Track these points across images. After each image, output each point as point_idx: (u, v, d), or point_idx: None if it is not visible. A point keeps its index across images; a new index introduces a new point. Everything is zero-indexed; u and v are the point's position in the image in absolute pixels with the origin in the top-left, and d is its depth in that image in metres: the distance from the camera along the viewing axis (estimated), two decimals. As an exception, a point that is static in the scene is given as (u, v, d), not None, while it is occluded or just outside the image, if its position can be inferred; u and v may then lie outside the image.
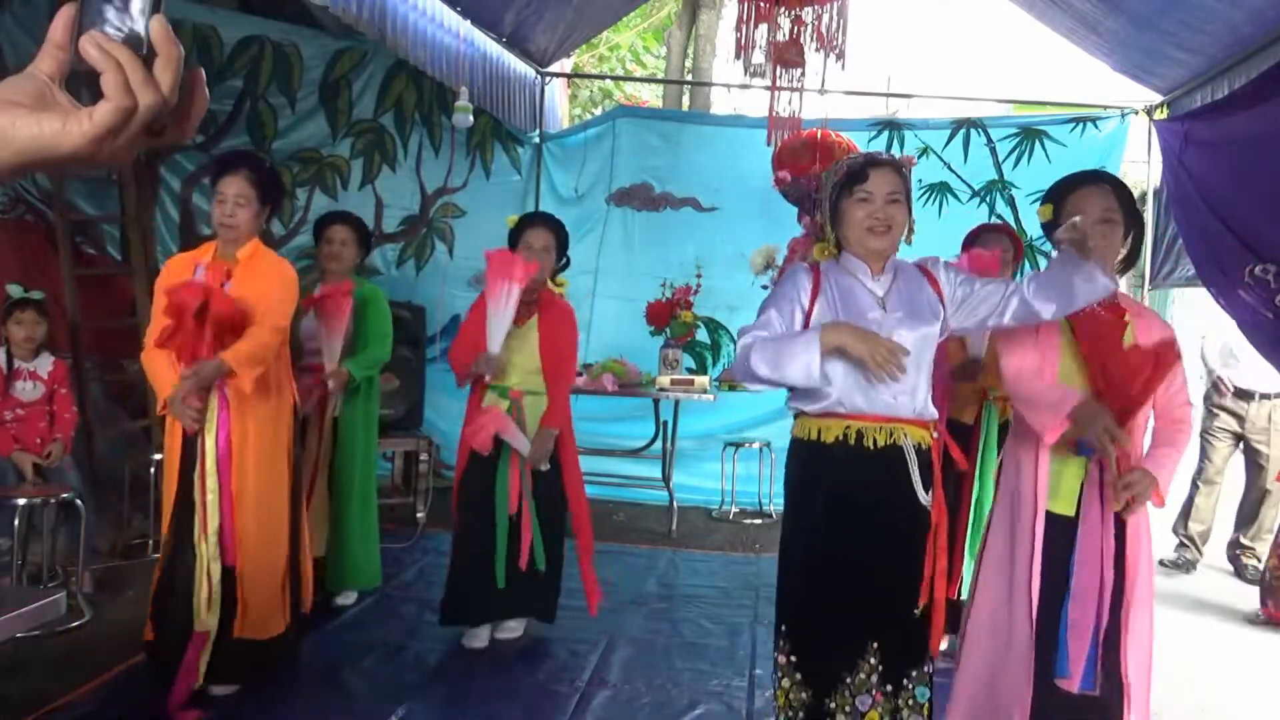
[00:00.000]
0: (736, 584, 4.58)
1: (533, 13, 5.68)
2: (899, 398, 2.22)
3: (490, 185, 6.45)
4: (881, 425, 2.23)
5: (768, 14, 3.89)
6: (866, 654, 2.23)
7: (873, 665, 2.22)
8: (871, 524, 2.24)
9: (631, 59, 13.82)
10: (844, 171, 2.30)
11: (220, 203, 3.06)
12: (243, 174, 3.07)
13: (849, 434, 2.24)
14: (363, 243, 4.02)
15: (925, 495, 2.27)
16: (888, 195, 2.24)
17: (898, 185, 2.26)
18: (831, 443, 2.25)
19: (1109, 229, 2.34)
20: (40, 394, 4.01)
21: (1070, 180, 2.51)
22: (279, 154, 6.05)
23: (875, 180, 2.24)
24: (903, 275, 2.33)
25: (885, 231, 2.25)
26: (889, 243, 2.27)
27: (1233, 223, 4.42)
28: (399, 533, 4.99)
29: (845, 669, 2.23)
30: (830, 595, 2.26)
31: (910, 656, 2.29)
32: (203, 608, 2.93)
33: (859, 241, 2.28)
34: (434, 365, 5.99)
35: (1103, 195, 2.39)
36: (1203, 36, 4.65)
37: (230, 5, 5.94)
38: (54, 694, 2.99)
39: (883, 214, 2.24)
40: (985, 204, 6.28)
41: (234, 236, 3.08)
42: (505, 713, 3.11)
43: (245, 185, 3.06)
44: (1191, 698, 3.57)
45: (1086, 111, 6.27)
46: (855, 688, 2.22)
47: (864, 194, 2.25)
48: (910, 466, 2.24)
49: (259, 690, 3.09)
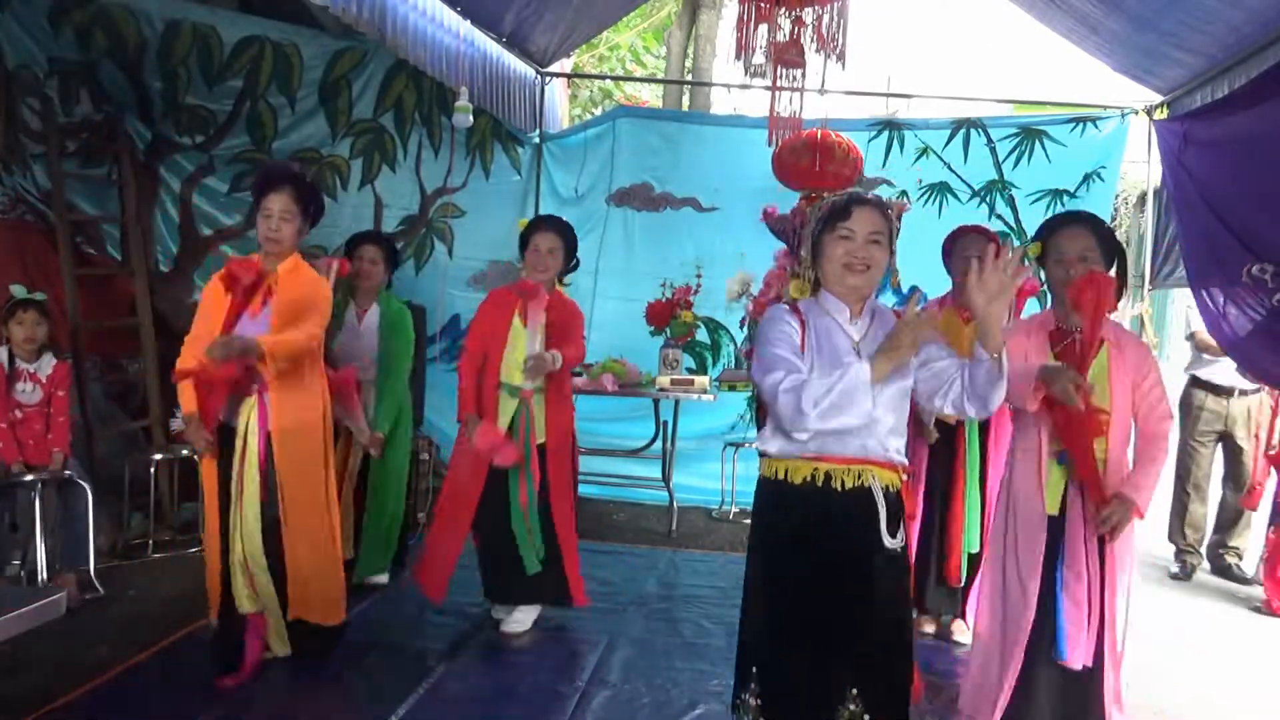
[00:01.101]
0: (736, 584, 4.50)
1: (533, 13, 5.67)
2: (869, 441, 2.19)
3: (490, 185, 6.44)
4: (850, 467, 2.20)
5: (768, 14, 3.89)
6: (846, 701, 2.17)
7: (855, 712, 2.16)
8: (842, 568, 2.20)
9: (631, 59, 13.82)
10: (828, 207, 2.29)
11: (266, 218, 3.17)
12: (287, 190, 3.18)
13: (817, 475, 2.21)
14: (390, 261, 4.30)
15: (891, 539, 2.21)
16: (869, 235, 2.22)
17: (880, 226, 2.23)
18: (799, 484, 2.23)
19: (1084, 269, 2.67)
20: (40, 397, 4.01)
21: (1053, 221, 2.87)
22: (279, 154, 6.05)
23: (858, 218, 2.22)
24: (879, 320, 2.29)
25: (864, 270, 2.22)
26: (866, 282, 2.24)
27: (1232, 222, 4.42)
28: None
29: (826, 714, 2.18)
30: (804, 639, 2.22)
31: (900, 704, 2.25)
32: (243, 597, 3.14)
33: (837, 279, 2.25)
34: (434, 365, 6.00)
35: (1081, 236, 2.72)
36: (1203, 36, 4.65)
37: (230, 5, 5.93)
38: (54, 694, 3.00)
39: (863, 253, 2.21)
40: (985, 204, 6.28)
41: (278, 250, 3.20)
42: (505, 713, 3.12)
43: (289, 201, 3.18)
44: (1192, 688, 3.57)
45: (1086, 111, 6.27)
46: None
47: (846, 231, 2.22)
48: (878, 509, 2.20)
49: (259, 690, 3.09)
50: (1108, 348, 2.73)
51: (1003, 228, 6.24)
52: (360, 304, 4.19)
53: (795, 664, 2.23)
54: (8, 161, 5.12)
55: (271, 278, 3.20)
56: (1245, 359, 4.41)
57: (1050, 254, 2.79)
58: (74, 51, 5.31)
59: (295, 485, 3.19)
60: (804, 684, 2.22)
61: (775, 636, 2.27)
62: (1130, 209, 13.87)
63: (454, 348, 6.43)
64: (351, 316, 4.18)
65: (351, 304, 4.18)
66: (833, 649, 2.19)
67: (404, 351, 4.20)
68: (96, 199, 5.52)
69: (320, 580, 3.27)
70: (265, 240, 3.20)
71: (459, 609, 4.01)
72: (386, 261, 4.24)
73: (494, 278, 6.34)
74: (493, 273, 6.38)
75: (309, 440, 3.25)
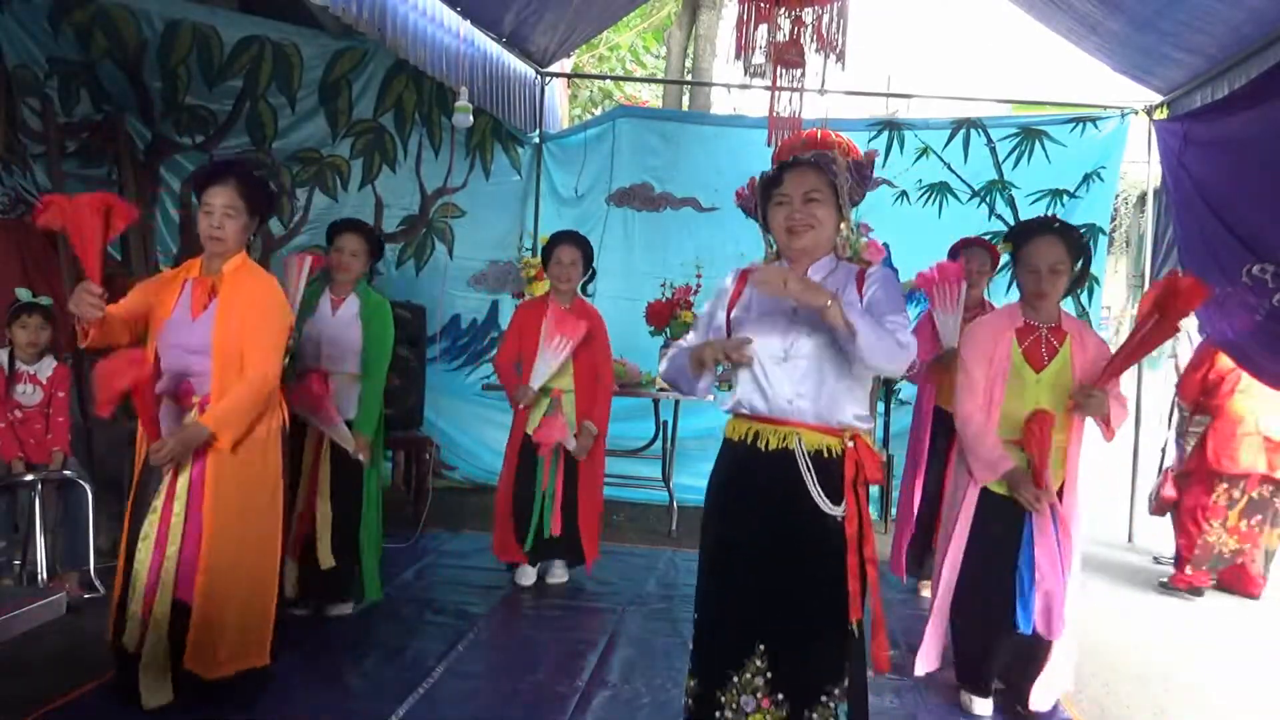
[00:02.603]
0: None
1: (533, 13, 5.68)
2: (796, 401, 2.19)
3: (490, 185, 6.44)
4: (776, 427, 2.21)
5: (768, 14, 3.89)
6: (753, 655, 2.18)
7: (759, 668, 2.17)
8: (766, 526, 2.20)
9: (631, 59, 13.83)
10: (762, 178, 2.33)
11: (207, 214, 2.87)
12: (231, 184, 2.88)
13: (749, 434, 2.25)
14: (373, 252, 3.99)
15: (827, 503, 2.18)
16: (804, 194, 2.23)
17: (817, 183, 2.24)
18: (736, 441, 2.28)
19: (1055, 278, 2.98)
20: (40, 398, 4.01)
21: (1025, 228, 3.15)
22: (279, 154, 6.06)
23: (790, 182, 2.25)
24: (833, 279, 2.27)
25: (805, 230, 2.24)
26: (811, 241, 2.25)
27: (1232, 222, 4.43)
28: (399, 533, 4.99)
29: (731, 666, 2.20)
30: (722, 591, 2.26)
31: (824, 672, 2.20)
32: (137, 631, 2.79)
33: (784, 245, 2.29)
34: (434, 365, 6.00)
35: (1053, 248, 2.97)
36: (1203, 36, 4.65)
37: (230, 5, 5.94)
38: (54, 694, 2.99)
39: (800, 214, 2.23)
40: (985, 204, 6.28)
41: (221, 250, 2.89)
42: (505, 713, 3.11)
43: (234, 196, 2.87)
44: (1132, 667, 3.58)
45: (1086, 111, 6.26)
46: (740, 686, 2.19)
47: (781, 197, 2.27)
48: (803, 472, 2.18)
49: (258, 691, 3.08)
50: (1070, 342, 3.02)
51: (1002, 228, 6.24)
52: (336, 294, 3.89)
53: (714, 613, 2.28)
54: (8, 161, 5.13)
55: (215, 279, 2.89)
56: (1245, 359, 4.41)
57: (1022, 261, 3.05)
58: (74, 51, 5.31)
59: (236, 512, 2.85)
60: (719, 634, 2.25)
61: (704, 587, 2.32)
62: (1130, 209, 13.88)
63: (454, 348, 6.44)
64: (325, 305, 3.87)
65: (326, 292, 3.90)
66: (747, 606, 2.20)
67: (385, 351, 3.94)
68: (96, 199, 5.52)
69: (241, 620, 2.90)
70: (207, 239, 2.88)
71: (459, 609, 4.02)
72: (368, 253, 3.93)
73: (494, 278, 6.35)
74: (493, 273, 6.39)
75: (256, 462, 2.90)
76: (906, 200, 6.31)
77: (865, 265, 2.31)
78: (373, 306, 3.90)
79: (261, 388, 2.84)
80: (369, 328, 3.86)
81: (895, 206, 6.30)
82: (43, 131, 5.18)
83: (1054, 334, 3.05)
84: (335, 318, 3.86)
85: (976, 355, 3.07)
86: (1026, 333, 3.06)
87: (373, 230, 4.06)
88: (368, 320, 3.86)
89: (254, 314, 2.87)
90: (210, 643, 2.82)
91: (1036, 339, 3.04)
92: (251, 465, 2.90)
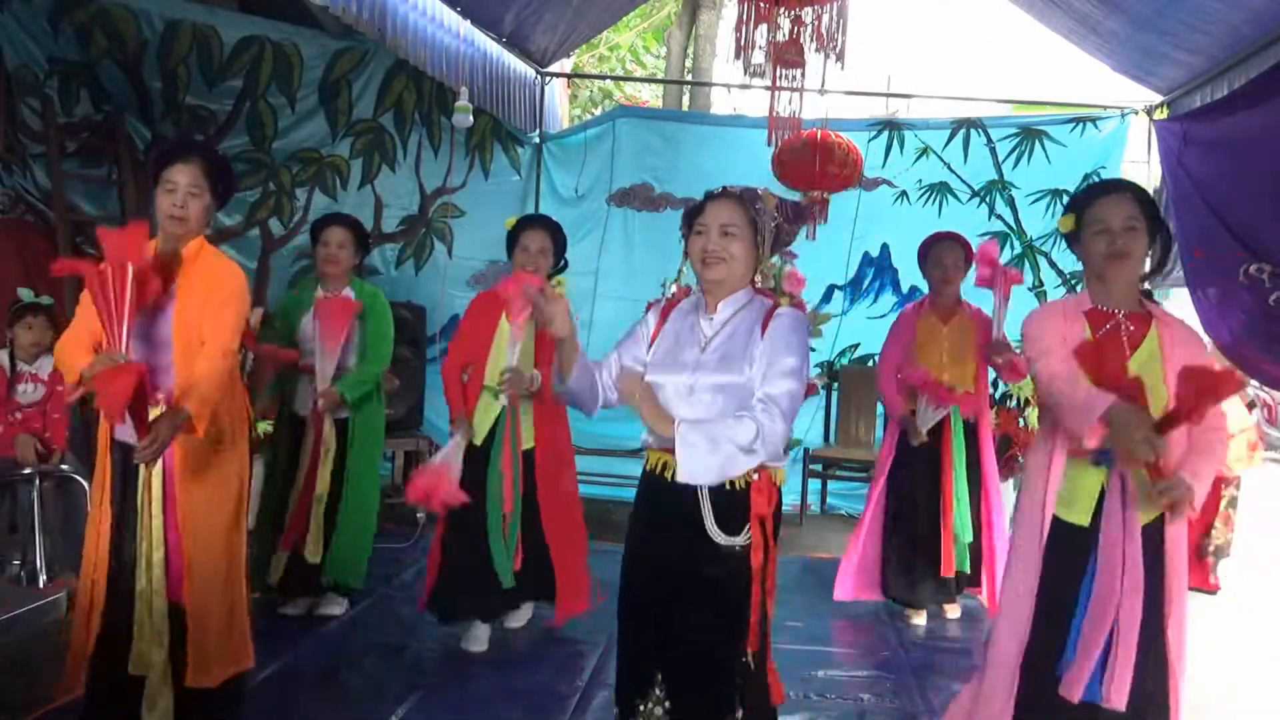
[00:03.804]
0: (736, 584, 4.58)
1: (533, 13, 5.68)
2: None
3: (490, 185, 6.44)
4: None
5: (768, 14, 3.89)
6: (654, 685, 2.21)
7: (658, 697, 2.20)
8: (669, 556, 2.22)
9: (631, 59, 13.82)
10: (687, 209, 2.33)
11: (169, 192, 2.71)
12: (195, 162, 2.74)
13: (659, 464, 2.27)
14: (360, 245, 3.90)
15: (722, 535, 2.16)
16: (722, 227, 2.21)
17: (735, 218, 2.22)
18: (649, 471, 2.32)
19: (1132, 237, 2.36)
20: (40, 395, 4.02)
21: (1092, 190, 2.52)
22: (279, 154, 6.05)
23: (710, 212, 2.24)
24: (740, 317, 2.25)
25: (717, 263, 2.22)
26: (723, 274, 2.23)
27: (1231, 222, 4.43)
28: (399, 533, 4.99)
29: (638, 696, 2.24)
30: (629, 620, 2.31)
31: (719, 703, 2.17)
32: (149, 650, 2.63)
33: (699, 275, 2.28)
34: (434, 365, 5.99)
35: (1125, 204, 2.39)
36: (1203, 36, 4.65)
37: (230, 5, 5.94)
38: (54, 694, 2.99)
39: (714, 246, 2.21)
40: (985, 204, 6.28)
41: (183, 230, 2.73)
42: (505, 713, 3.12)
43: (199, 175, 2.73)
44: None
45: (1086, 111, 6.26)
46: (645, 715, 2.22)
47: (700, 226, 2.25)
48: (702, 503, 2.17)
49: (258, 691, 3.08)
50: (1156, 325, 2.40)
51: (1002, 227, 6.25)
52: (329, 290, 3.84)
53: (624, 641, 2.33)
54: (8, 161, 5.13)
55: (174, 261, 2.72)
56: (1241, 359, 4.41)
57: (1089, 225, 2.42)
58: (74, 51, 5.31)
59: (206, 506, 2.72)
60: (628, 662, 2.31)
61: (619, 618, 2.35)
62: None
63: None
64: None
65: (320, 290, 3.85)
66: (648, 635, 2.25)
67: (385, 332, 3.85)
68: (96, 199, 5.52)
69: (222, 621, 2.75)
70: (168, 219, 2.70)
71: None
72: (355, 245, 3.85)
73: (494, 277, 6.33)
74: (492, 272, 6.38)
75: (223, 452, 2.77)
76: (906, 200, 6.31)
77: (781, 300, 2.31)
78: (369, 297, 3.86)
79: (223, 363, 2.67)
80: (366, 321, 3.84)
81: (895, 206, 6.30)
82: (43, 131, 5.18)
83: (1134, 320, 2.40)
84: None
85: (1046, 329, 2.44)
86: (1100, 319, 2.42)
87: (358, 222, 3.98)
88: (364, 313, 3.83)
89: (215, 299, 2.71)
90: (204, 648, 2.69)
91: (1115, 326, 2.40)
92: (221, 455, 2.77)
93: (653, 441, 2.27)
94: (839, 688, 3.42)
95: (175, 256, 2.72)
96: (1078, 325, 2.42)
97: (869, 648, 3.87)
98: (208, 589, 2.72)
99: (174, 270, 2.70)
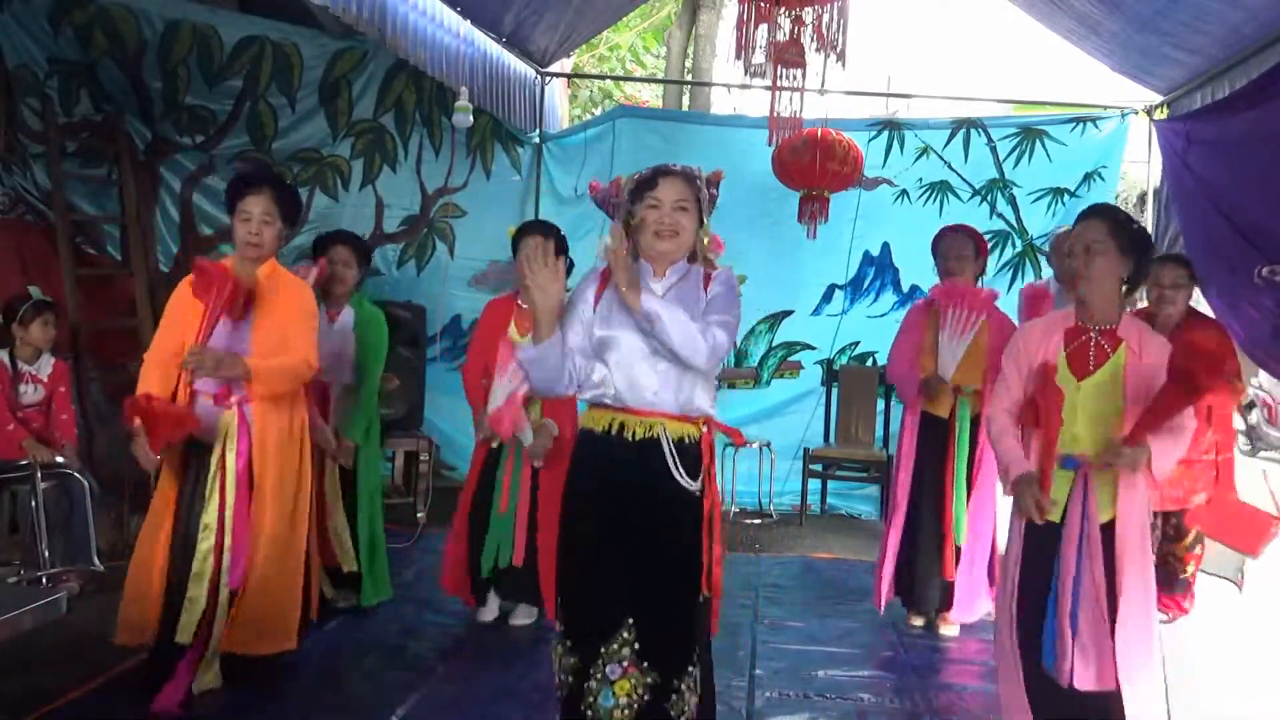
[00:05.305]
0: (736, 584, 4.56)
1: (533, 13, 5.68)
2: (659, 394, 2.34)
3: (490, 185, 6.44)
4: (641, 419, 2.35)
5: (768, 14, 3.89)
6: (622, 628, 2.30)
7: (626, 639, 2.29)
8: (631, 509, 2.34)
9: (631, 59, 13.82)
10: (636, 179, 2.45)
11: (245, 221, 3.04)
12: (267, 191, 3.05)
13: (613, 425, 2.36)
14: (363, 261, 4.02)
15: (688, 480, 2.35)
16: (675, 202, 2.38)
17: (686, 194, 2.40)
18: (599, 432, 2.38)
19: (1091, 259, 2.61)
20: (40, 396, 4.02)
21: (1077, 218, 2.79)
22: (279, 154, 6.05)
23: (664, 188, 2.39)
24: (686, 280, 2.45)
25: (671, 236, 2.39)
26: (674, 246, 2.41)
27: (1240, 223, 4.42)
28: (399, 533, 4.98)
29: (602, 640, 2.31)
30: (590, 571, 2.37)
31: (688, 641, 2.35)
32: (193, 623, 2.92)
33: (649, 245, 2.41)
34: (434, 365, 6.00)
35: (1089, 227, 2.65)
36: (1203, 36, 4.65)
37: (230, 5, 5.94)
38: (54, 694, 2.99)
39: (669, 219, 2.38)
40: (986, 203, 6.28)
41: (258, 255, 3.06)
42: (505, 713, 3.11)
43: (270, 203, 3.04)
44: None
45: (1086, 111, 6.27)
46: (607, 656, 2.29)
47: (653, 200, 2.39)
48: (668, 458, 2.33)
49: (258, 691, 3.09)
50: (1125, 350, 2.60)
51: (1004, 226, 6.25)
52: (332, 306, 3.92)
53: (583, 592, 2.39)
54: (8, 161, 5.13)
55: (251, 284, 3.03)
56: (1265, 361, 4.39)
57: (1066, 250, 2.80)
58: (74, 51, 5.31)
59: (274, 504, 3.04)
60: (590, 611, 2.37)
61: (571, 567, 2.43)
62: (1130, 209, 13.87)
63: (455, 348, 6.43)
64: (322, 318, 3.83)
65: (322, 306, 3.87)
66: (615, 582, 2.33)
67: (377, 358, 3.99)
68: (96, 199, 5.53)
69: (277, 606, 3.08)
70: (245, 245, 3.05)
71: (458, 610, 4.01)
72: (359, 263, 3.99)
73: (495, 277, 6.34)
74: (493, 272, 6.39)
75: (291, 456, 3.10)
76: (907, 199, 6.31)
77: (712, 267, 2.50)
78: (367, 317, 3.97)
79: (301, 367, 3.03)
80: (364, 339, 3.92)
81: (896, 205, 6.31)
82: (43, 131, 5.18)
83: (1107, 338, 2.63)
84: (333, 330, 3.88)
85: (1015, 353, 2.75)
86: (1075, 334, 2.68)
87: (360, 240, 4.07)
88: (363, 331, 3.92)
89: (292, 313, 3.06)
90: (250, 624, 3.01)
91: (1085, 342, 2.65)
92: (289, 456, 3.08)
93: (610, 401, 2.36)
94: (839, 688, 3.41)
95: (252, 278, 3.03)
96: (1055, 340, 2.69)
97: (869, 648, 3.86)
98: (266, 581, 3.01)
99: (251, 291, 3.01)
